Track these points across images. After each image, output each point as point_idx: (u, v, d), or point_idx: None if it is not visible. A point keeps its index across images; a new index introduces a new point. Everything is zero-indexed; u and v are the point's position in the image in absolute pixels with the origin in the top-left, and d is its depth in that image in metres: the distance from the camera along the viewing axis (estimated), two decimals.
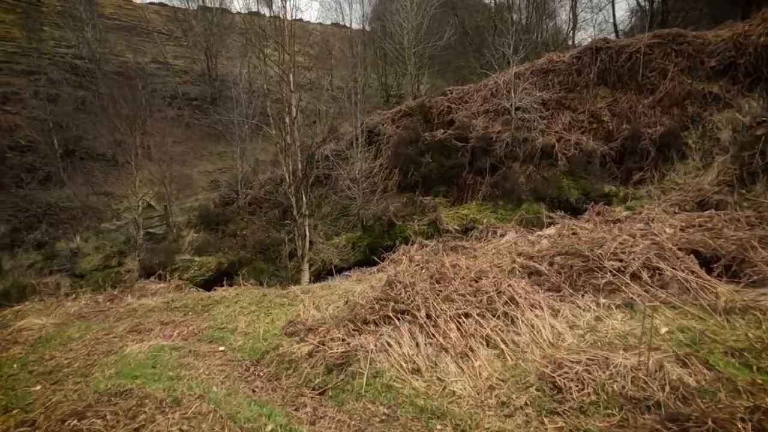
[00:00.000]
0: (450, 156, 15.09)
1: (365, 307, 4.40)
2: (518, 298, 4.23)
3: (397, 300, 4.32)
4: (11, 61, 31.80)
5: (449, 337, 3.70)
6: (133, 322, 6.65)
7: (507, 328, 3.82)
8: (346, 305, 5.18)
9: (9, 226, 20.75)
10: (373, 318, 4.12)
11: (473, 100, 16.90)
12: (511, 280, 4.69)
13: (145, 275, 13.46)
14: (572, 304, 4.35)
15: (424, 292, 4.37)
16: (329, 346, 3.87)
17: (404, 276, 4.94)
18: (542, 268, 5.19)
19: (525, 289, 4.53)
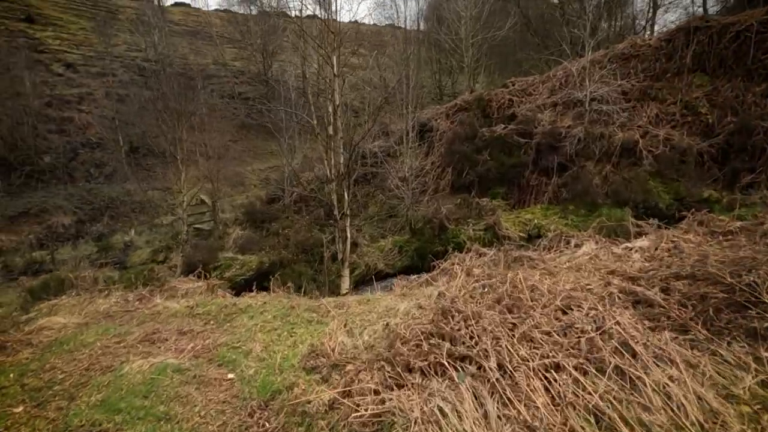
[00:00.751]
0: (511, 154, 13.52)
1: (409, 344, 3.25)
2: (634, 344, 2.88)
3: (454, 339, 3.12)
4: (88, 64, 34.01)
5: (534, 404, 2.45)
6: (151, 328, 5.94)
7: (626, 396, 2.50)
8: (385, 332, 4.05)
9: (75, 218, 21.81)
10: (419, 364, 2.94)
11: (538, 92, 15.16)
12: (614, 313, 3.32)
13: (187, 272, 13.20)
14: (715, 357, 2.92)
15: (492, 326, 3.14)
16: (356, 401, 2.77)
17: (462, 299, 3.73)
18: (653, 296, 3.75)
19: (636, 327, 3.15)
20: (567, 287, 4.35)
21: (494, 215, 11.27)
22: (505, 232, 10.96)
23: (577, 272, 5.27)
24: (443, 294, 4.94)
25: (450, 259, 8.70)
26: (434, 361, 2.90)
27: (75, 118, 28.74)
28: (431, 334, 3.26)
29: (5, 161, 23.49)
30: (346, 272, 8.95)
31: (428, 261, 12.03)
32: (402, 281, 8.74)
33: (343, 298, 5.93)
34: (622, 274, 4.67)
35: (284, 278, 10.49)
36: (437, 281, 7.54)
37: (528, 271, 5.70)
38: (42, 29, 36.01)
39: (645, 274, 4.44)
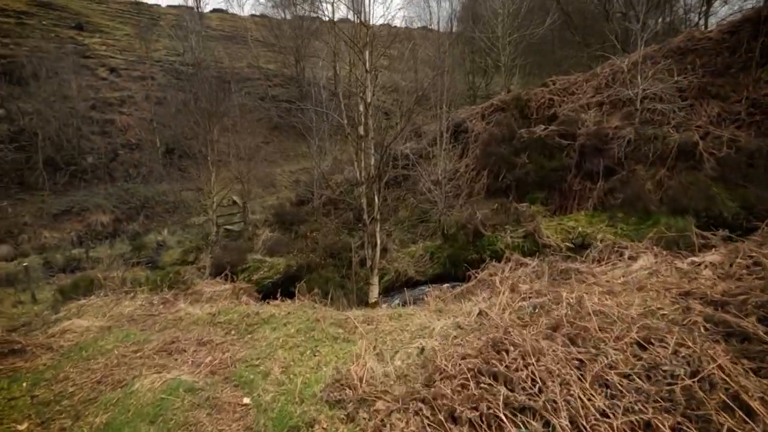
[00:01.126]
0: (552, 156, 12.67)
1: (453, 381, 2.69)
2: (747, 398, 2.22)
3: (510, 381, 2.54)
4: (130, 68, 35.29)
5: None
6: (171, 336, 5.65)
7: None
8: (420, 359, 3.52)
9: (113, 217, 22.44)
10: (468, 413, 2.38)
11: (581, 91, 14.22)
12: (710, 351, 2.65)
13: (216, 273, 13.11)
14: None
15: (557, 366, 2.55)
16: None
17: (510, 322, 3.14)
18: (753, 329, 3.04)
19: (741, 373, 2.48)
20: (634, 311, 3.68)
21: (534, 222, 10.50)
22: (546, 240, 10.18)
23: (640, 291, 4.54)
24: (485, 313, 4.36)
25: (487, 269, 8.07)
26: (487, 411, 2.33)
27: (116, 120, 29.77)
28: (480, 372, 2.69)
29: (52, 161, 24.49)
30: (375, 279, 8.47)
31: (462, 269, 11.39)
32: (435, 291, 8.16)
33: (372, 312, 5.43)
34: (702, 297, 3.93)
35: (311, 284, 10.13)
36: (476, 295, 6.92)
37: (580, 287, 5.01)
38: (90, 36, 37.72)
39: (732, 298, 3.70)
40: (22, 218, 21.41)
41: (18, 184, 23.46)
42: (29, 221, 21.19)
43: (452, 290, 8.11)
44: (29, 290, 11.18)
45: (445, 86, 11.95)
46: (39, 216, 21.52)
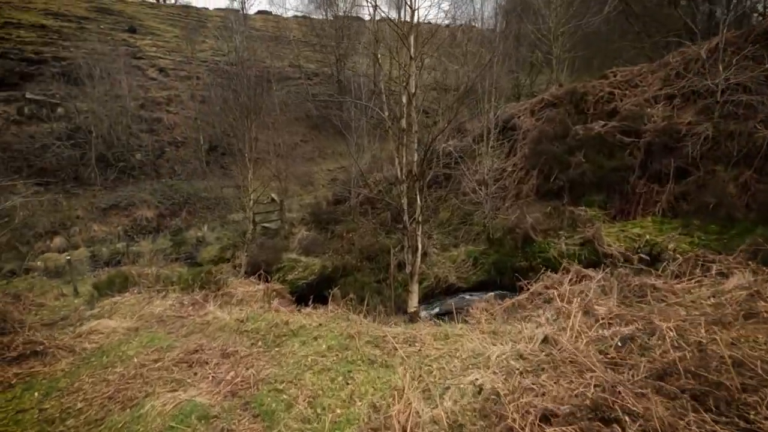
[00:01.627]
0: (612, 155, 11.45)
1: None
2: None
3: None
4: (177, 68, 36.46)
5: None
6: (195, 343, 5.23)
7: None
8: (478, 402, 2.80)
9: (157, 212, 23.05)
10: None
11: (647, 83, 12.83)
12: None
13: (251, 271, 12.88)
14: None
15: None
16: None
17: (624, 387, 2.34)
18: None
19: None
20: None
21: (593, 227, 9.41)
22: (607, 248, 9.08)
23: (756, 323, 3.58)
24: (553, 340, 3.56)
25: (542, 280, 7.16)
26: None
27: (163, 118, 30.74)
28: None
29: (103, 157, 25.53)
30: (415, 287, 7.76)
31: (509, 276, 10.46)
32: (481, 303, 7.36)
33: (414, 329, 4.73)
34: None
35: (346, 288, 9.58)
36: (530, 310, 6.08)
37: (670, 311, 4.09)
38: (141, 38, 39.38)
39: None
40: (75, 211, 22.40)
41: (73, 179, 24.60)
42: (81, 214, 22.13)
43: (501, 302, 7.28)
44: (72, 283, 11.33)
45: (493, 78, 11.04)
46: (90, 210, 22.44)
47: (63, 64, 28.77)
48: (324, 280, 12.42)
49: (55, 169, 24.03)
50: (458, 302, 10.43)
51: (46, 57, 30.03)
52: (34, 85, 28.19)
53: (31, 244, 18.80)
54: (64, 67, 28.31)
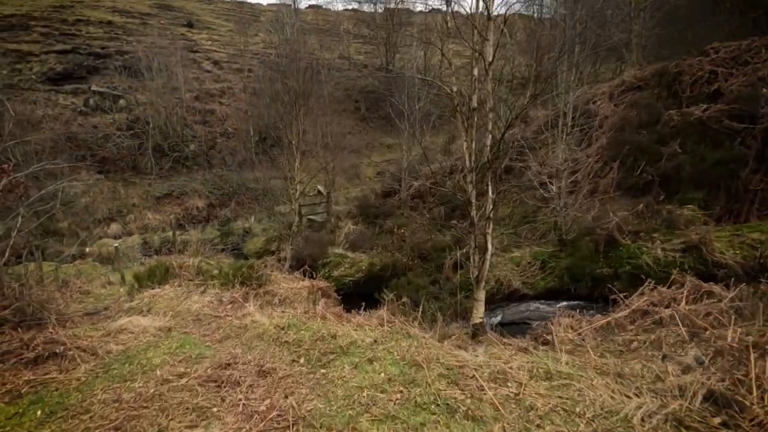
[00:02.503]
0: (717, 145, 9.61)
1: None
2: None
3: None
4: (230, 61, 37.06)
5: None
6: (228, 353, 4.45)
7: None
8: None
9: (207, 202, 23.27)
10: None
11: (759, 59, 10.72)
12: None
13: (296, 266, 12.25)
14: None
15: None
16: None
17: None
18: None
19: None
20: None
21: (700, 231, 7.75)
22: (719, 257, 7.41)
23: None
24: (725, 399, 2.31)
25: (645, 294, 5.76)
26: None
27: (216, 110, 31.20)
28: None
29: (160, 148, 26.20)
30: (482, 295, 6.61)
31: (585, 284, 9.01)
32: (564, 318, 6.07)
33: (500, 359, 3.61)
34: None
35: (398, 291, 8.57)
36: (638, 335, 4.77)
37: None
38: (198, 32, 40.43)
39: None
40: (131, 199, 23.07)
41: (131, 168, 25.42)
42: (137, 202, 22.75)
43: (589, 318, 5.95)
44: (119, 271, 11.17)
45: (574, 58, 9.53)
46: (145, 198, 23.03)
47: (125, 58, 29.87)
48: (372, 278, 11.51)
49: (115, 158, 24.90)
50: (526, 313, 9.15)
51: (110, 51, 31.41)
52: (99, 78, 29.53)
53: (90, 230, 19.47)
54: (126, 61, 29.36)
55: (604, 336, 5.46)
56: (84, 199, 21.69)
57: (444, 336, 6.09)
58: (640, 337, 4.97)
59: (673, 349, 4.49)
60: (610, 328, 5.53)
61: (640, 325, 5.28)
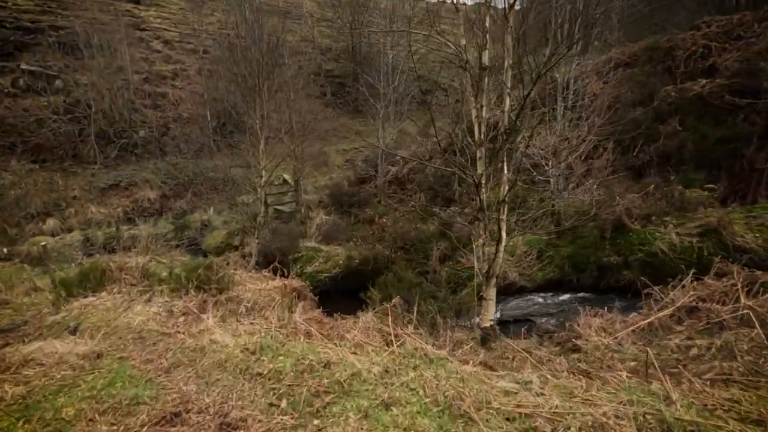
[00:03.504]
0: (719, 122, 9.02)
1: None
2: None
3: None
4: (183, 41, 34.13)
5: None
6: (177, 394, 3.16)
7: None
8: None
9: (159, 193, 21.11)
10: None
11: (754, 34, 10.26)
12: None
13: (263, 262, 10.84)
14: None
15: None
16: None
17: None
18: None
19: None
20: None
21: (718, 213, 7.07)
22: (739, 241, 6.75)
23: None
24: None
25: (690, 288, 4.91)
26: None
27: (169, 93, 28.57)
28: None
29: (104, 134, 23.56)
30: (492, 293, 5.60)
31: (590, 274, 8.22)
32: (594, 319, 5.13)
33: (578, 400, 2.55)
34: None
35: (386, 288, 7.42)
36: (695, 339, 3.88)
37: None
38: (146, 9, 36.97)
39: None
40: (71, 191, 20.54)
41: (72, 156, 22.68)
42: (78, 195, 20.27)
43: (624, 319, 5.05)
44: (50, 275, 9.35)
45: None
46: (88, 190, 20.55)
47: (60, 34, 26.64)
48: (351, 273, 10.32)
49: (51, 146, 22.09)
50: (526, 307, 8.26)
51: (43, 26, 27.93)
52: (30, 55, 26.17)
53: (21, 226, 17.01)
54: (62, 37, 26.17)
55: (647, 340, 4.57)
56: (14, 192, 19.03)
57: (454, 345, 5.03)
58: (700, 342, 4.08)
59: (752, 358, 3.62)
60: (653, 330, 4.64)
61: (692, 326, 4.41)
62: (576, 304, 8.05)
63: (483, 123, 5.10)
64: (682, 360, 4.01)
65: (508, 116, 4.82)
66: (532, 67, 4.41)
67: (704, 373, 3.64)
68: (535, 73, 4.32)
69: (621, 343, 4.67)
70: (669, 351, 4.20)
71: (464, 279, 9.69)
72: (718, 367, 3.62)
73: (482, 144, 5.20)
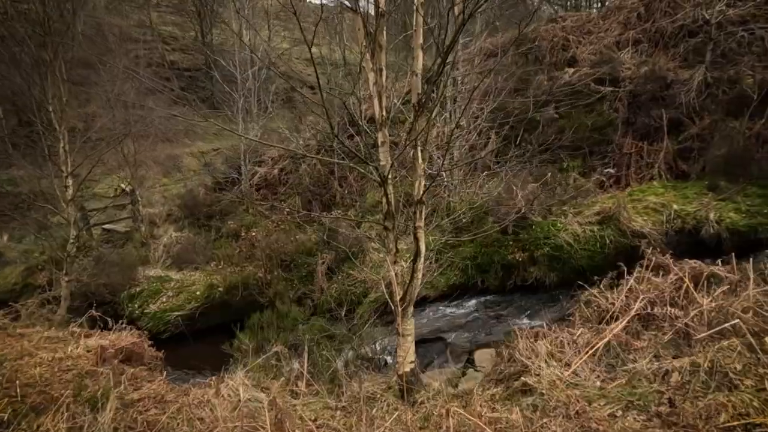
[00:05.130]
0: (591, 110, 9.23)
1: None
2: None
3: None
4: None
5: None
6: None
7: None
8: None
9: None
10: None
11: (602, 29, 10.97)
12: None
13: (82, 307, 7.67)
14: None
15: None
16: None
17: None
18: None
19: None
20: None
21: (615, 199, 6.88)
22: (635, 226, 6.61)
23: None
24: None
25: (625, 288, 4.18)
26: None
27: None
28: None
29: None
30: (410, 326, 4.14)
31: (495, 275, 7.48)
32: (538, 341, 4.05)
33: None
34: None
35: (262, 330, 5.45)
36: (679, 353, 2.99)
37: None
38: None
39: None
40: None
41: None
42: None
43: (572, 338, 4.10)
44: None
45: None
46: None
47: None
48: (215, 307, 7.94)
49: None
50: (435, 321, 7.11)
51: None
52: None
53: None
54: None
55: (608, 365, 3.62)
56: None
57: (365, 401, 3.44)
58: (676, 363, 3.23)
59: (754, 382, 2.82)
60: (609, 349, 3.73)
61: (655, 340, 3.59)
62: (485, 310, 7.22)
63: (384, 94, 3.60)
64: (666, 393, 3.09)
65: (422, 81, 3.40)
66: None
67: (711, 417, 2.71)
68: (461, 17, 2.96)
69: (578, 373, 3.65)
70: (645, 381, 3.26)
71: (359, 295, 8.20)
72: (723, 404, 2.72)
73: (385, 124, 3.68)
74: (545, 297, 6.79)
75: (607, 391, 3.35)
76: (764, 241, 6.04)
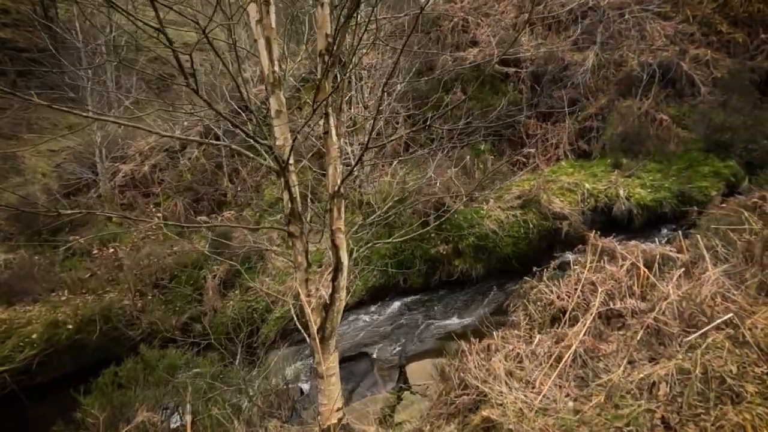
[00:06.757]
0: (497, 91, 9.01)
1: None
2: None
3: None
4: None
5: None
6: None
7: None
8: None
9: None
10: None
11: (498, 12, 10.93)
12: None
13: None
14: None
15: None
16: None
17: None
18: None
19: None
20: None
21: (534, 182, 6.56)
22: (554, 207, 6.37)
23: None
24: None
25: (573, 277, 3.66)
26: None
27: None
28: None
29: None
30: (333, 363, 3.09)
31: (420, 272, 6.73)
32: (492, 360, 3.30)
33: None
34: None
35: (127, 387, 3.90)
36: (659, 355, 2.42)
37: None
38: None
39: None
40: None
41: None
42: None
43: (532, 349, 3.42)
44: None
45: None
46: None
47: None
48: (63, 351, 5.90)
49: None
50: (356, 334, 6.11)
51: None
52: None
53: None
54: None
55: (579, 381, 2.99)
56: None
57: None
58: (659, 370, 2.69)
59: (758, 389, 2.36)
60: (577, 358, 3.11)
61: (625, 343, 3.05)
62: (410, 312, 6.44)
63: (274, 39, 2.44)
64: (658, 411, 2.51)
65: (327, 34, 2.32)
66: None
67: None
68: None
69: (547, 396, 2.95)
70: (628, 398, 2.67)
71: (261, 311, 6.85)
72: (739, 424, 2.19)
73: (278, 85, 2.53)
74: (473, 291, 6.24)
75: (587, 416, 2.70)
76: (669, 214, 6.20)
